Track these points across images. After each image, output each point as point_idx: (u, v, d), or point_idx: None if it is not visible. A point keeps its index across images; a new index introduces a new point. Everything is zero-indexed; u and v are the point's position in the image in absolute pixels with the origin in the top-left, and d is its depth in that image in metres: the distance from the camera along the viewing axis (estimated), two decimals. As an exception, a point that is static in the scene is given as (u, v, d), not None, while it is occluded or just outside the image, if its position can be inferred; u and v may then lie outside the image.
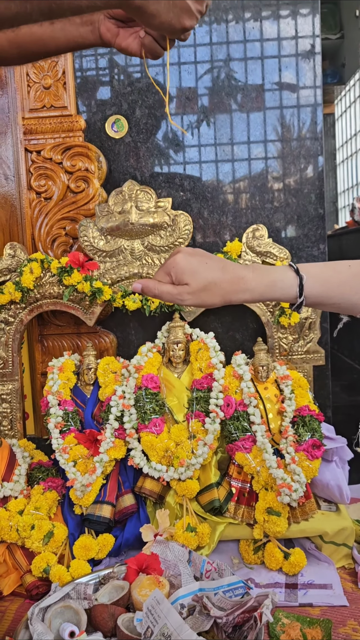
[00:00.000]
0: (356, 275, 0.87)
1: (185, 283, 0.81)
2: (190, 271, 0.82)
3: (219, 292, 0.82)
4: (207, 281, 0.82)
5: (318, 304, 0.88)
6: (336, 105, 5.26)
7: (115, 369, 1.64)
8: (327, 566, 1.44)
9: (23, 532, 1.41)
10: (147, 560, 1.29)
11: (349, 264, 0.88)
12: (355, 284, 0.86)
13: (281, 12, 1.87)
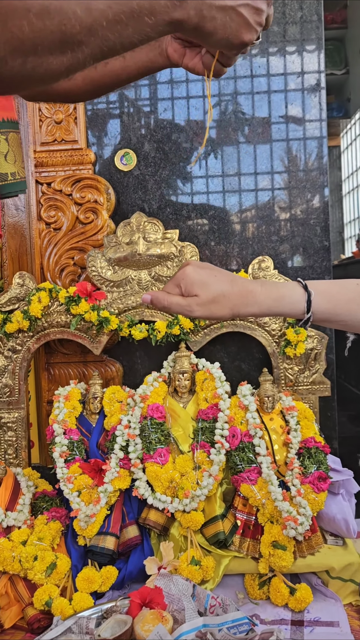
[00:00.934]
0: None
1: (195, 294, 0.82)
2: (200, 283, 0.82)
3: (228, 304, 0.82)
4: (217, 293, 0.82)
5: (325, 321, 0.89)
6: (342, 138, 5.35)
7: (121, 398, 1.64)
8: (334, 603, 1.41)
9: (26, 563, 1.39)
10: (151, 594, 1.27)
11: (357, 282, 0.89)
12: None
13: (287, 49, 1.92)
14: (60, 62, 0.50)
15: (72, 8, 0.48)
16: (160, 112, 1.96)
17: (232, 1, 0.61)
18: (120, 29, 0.52)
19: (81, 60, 0.52)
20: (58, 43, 0.49)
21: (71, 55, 0.50)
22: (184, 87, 1.96)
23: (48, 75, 0.51)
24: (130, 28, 0.52)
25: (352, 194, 5.14)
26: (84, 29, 0.49)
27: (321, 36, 1.92)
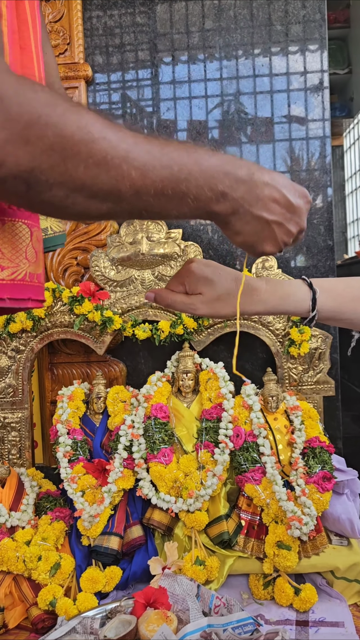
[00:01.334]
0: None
1: (199, 292, 0.81)
2: (204, 280, 0.81)
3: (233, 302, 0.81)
4: (221, 291, 0.81)
5: (330, 319, 0.88)
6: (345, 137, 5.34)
7: (124, 398, 1.64)
8: (339, 603, 1.41)
9: (30, 564, 1.39)
10: (155, 594, 1.27)
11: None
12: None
13: (290, 49, 1.92)
14: (98, 208, 0.53)
15: (129, 169, 0.51)
16: (163, 112, 1.96)
17: (268, 214, 0.63)
18: (164, 201, 0.55)
19: (117, 213, 0.55)
20: (104, 193, 0.51)
21: (111, 206, 0.53)
22: (187, 88, 1.96)
23: (82, 214, 0.54)
24: (172, 203, 0.55)
25: (355, 194, 5.13)
26: (132, 190, 0.52)
27: (324, 35, 1.92)
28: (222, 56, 1.93)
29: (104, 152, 0.50)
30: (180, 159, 0.55)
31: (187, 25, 1.94)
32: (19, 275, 0.61)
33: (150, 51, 1.96)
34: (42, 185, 0.49)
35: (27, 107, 0.46)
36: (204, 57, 1.94)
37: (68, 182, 0.50)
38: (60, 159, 0.48)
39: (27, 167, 0.47)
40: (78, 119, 0.49)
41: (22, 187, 0.49)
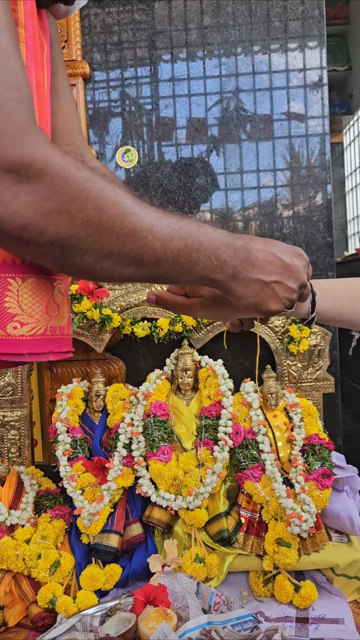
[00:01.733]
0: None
1: (199, 295, 0.81)
2: None
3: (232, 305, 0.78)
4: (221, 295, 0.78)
5: (330, 320, 0.88)
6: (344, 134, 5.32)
7: (124, 396, 1.64)
8: (339, 600, 1.41)
9: (29, 562, 1.39)
10: (155, 591, 1.27)
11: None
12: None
13: (289, 45, 1.91)
14: (121, 272, 0.59)
15: (153, 239, 0.58)
16: (161, 110, 1.95)
17: (265, 276, 0.69)
18: (178, 268, 0.61)
19: (137, 277, 0.61)
20: (129, 260, 0.58)
21: (133, 271, 0.59)
22: (186, 85, 1.96)
23: (107, 277, 0.59)
24: (184, 270, 0.62)
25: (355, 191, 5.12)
26: (154, 259, 0.59)
27: (323, 32, 1.91)
28: (220, 53, 1.92)
29: (133, 224, 0.56)
30: (192, 232, 0.62)
31: (185, 22, 1.93)
32: (39, 330, 0.65)
33: (148, 48, 1.96)
34: (75, 251, 0.55)
35: (72, 182, 0.52)
36: (203, 54, 1.93)
37: (99, 249, 0.55)
38: (96, 229, 0.54)
39: (66, 235, 0.53)
40: (114, 195, 0.55)
41: (57, 251, 0.54)
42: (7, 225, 0.50)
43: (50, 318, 0.67)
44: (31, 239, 0.52)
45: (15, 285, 0.63)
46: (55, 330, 0.68)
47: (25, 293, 0.64)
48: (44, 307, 0.66)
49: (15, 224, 0.51)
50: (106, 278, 0.60)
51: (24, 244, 0.53)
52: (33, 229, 0.51)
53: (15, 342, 0.63)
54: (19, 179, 0.50)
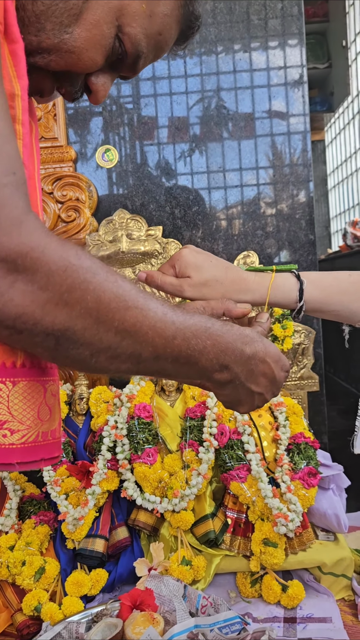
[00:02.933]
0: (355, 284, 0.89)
1: (188, 276, 0.83)
2: (194, 265, 0.84)
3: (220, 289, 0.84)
4: (209, 277, 0.84)
5: (317, 311, 0.90)
6: (326, 132, 5.35)
7: (107, 399, 1.62)
8: (327, 598, 1.40)
9: (14, 569, 1.37)
10: (141, 595, 1.26)
11: (349, 274, 0.90)
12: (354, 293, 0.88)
13: (269, 44, 1.91)
14: (118, 367, 0.57)
15: (154, 337, 0.56)
16: (142, 109, 1.94)
17: (255, 387, 0.69)
18: (177, 366, 0.60)
19: (134, 372, 0.60)
20: (126, 355, 0.56)
21: (130, 366, 0.58)
22: (166, 83, 1.94)
23: (102, 370, 0.58)
24: (183, 369, 0.61)
25: (338, 188, 5.15)
26: (153, 355, 0.57)
27: (302, 30, 1.91)
28: (201, 52, 1.91)
29: (134, 319, 0.55)
30: (199, 333, 0.60)
31: (164, 20, 1.92)
32: (30, 437, 0.61)
33: (127, 47, 1.94)
34: (71, 343, 0.53)
35: (71, 272, 0.51)
36: (184, 52, 1.92)
37: (96, 343, 0.54)
38: (94, 322, 0.52)
39: (62, 327, 0.51)
40: (116, 287, 0.54)
41: (51, 343, 0.52)
42: (1, 314, 0.49)
43: (42, 423, 0.63)
44: (25, 329, 0.51)
45: (5, 390, 0.60)
46: (46, 436, 0.64)
47: (16, 398, 0.60)
48: (36, 412, 0.62)
49: (10, 313, 0.49)
50: (101, 371, 0.59)
51: (17, 334, 0.51)
52: (28, 319, 0.50)
53: (5, 451, 0.59)
54: (15, 268, 0.49)
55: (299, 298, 0.85)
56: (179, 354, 0.59)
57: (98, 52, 0.63)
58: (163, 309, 0.58)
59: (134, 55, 0.66)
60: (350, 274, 0.90)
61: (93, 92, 0.68)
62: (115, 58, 0.66)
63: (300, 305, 0.85)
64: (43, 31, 0.59)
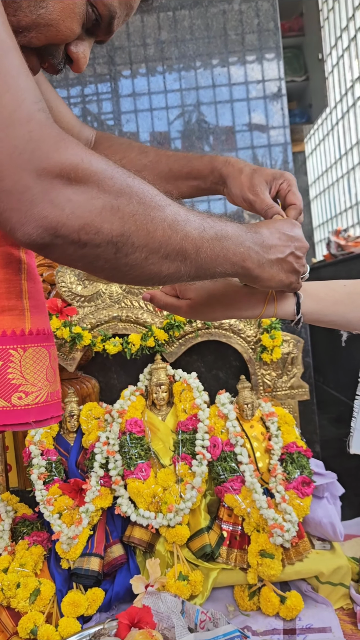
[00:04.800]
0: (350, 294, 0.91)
1: (188, 297, 0.85)
2: (193, 287, 0.86)
3: (221, 307, 0.86)
4: (209, 297, 0.85)
5: (315, 321, 0.92)
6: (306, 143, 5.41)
7: (98, 415, 1.61)
8: (325, 608, 1.40)
9: (8, 592, 1.35)
10: (139, 613, 1.24)
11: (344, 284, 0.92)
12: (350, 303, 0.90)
13: (247, 58, 1.94)
14: (168, 267, 0.60)
15: (191, 230, 0.61)
16: (124, 125, 1.95)
17: (280, 254, 0.74)
18: (214, 257, 0.64)
19: (181, 273, 0.63)
20: (175, 252, 0.60)
21: (179, 265, 0.61)
22: (147, 99, 1.96)
23: (154, 275, 0.61)
24: (219, 258, 0.65)
25: (320, 198, 5.20)
26: (194, 249, 0.61)
27: (279, 44, 1.94)
28: (180, 67, 1.93)
29: (173, 216, 0.59)
30: (216, 223, 0.65)
31: (143, 37, 1.94)
32: (42, 397, 0.67)
33: (108, 65, 1.96)
34: (128, 248, 0.56)
35: (116, 180, 0.54)
36: (163, 68, 1.94)
37: (150, 244, 0.57)
38: (144, 223, 0.56)
39: (119, 231, 0.54)
40: (150, 189, 0.58)
41: (111, 251, 0.55)
42: (65, 229, 0.51)
43: (50, 384, 0.69)
44: (88, 241, 0.53)
45: (17, 356, 0.65)
46: (54, 396, 0.70)
47: (27, 363, 0.66)
48: (44, 375, 0.68)
49: (74, 225, 0.51)
50: (155, 276, 0.61)
51: (81, 248, 0.53)
52: (90, 229, 0.52)
53: (21, 412, 0.64)
54: (69, 182, 0.51)
55: (297, 310, 0.87)
56: (213, 244, 0.64)
57: (74, 20, 0.65)
58: (181, 207, 0.62)
59: (108, 17, 0.68)
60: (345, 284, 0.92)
61: (74, 60, 0.70)
62: (90, 24, 0.68)
63: (299, 317, 0.88)
64: (20, 10, 0.61)
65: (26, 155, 0.50)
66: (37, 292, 0.71)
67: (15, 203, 0.50)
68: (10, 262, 0.67)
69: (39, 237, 0.51)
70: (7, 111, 0.50)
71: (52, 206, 0.50)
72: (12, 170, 0.49)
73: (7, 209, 0.50)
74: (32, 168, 0.50)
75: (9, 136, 0.49)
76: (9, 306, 0.66)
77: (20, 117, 0.50)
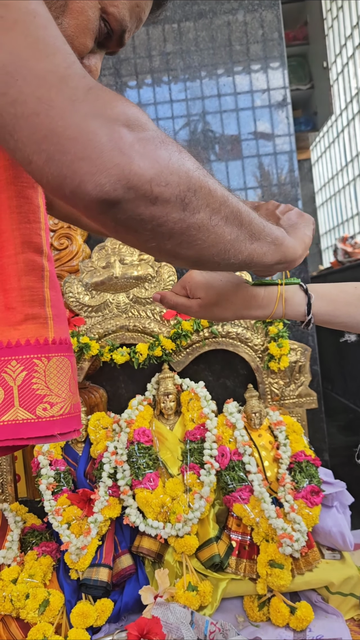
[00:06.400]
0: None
1: (198, 297, 0.85)
2: (204, 286, 0.85)
3: (231, 307, 0.86)
4: (219, 297, 0.85)
5: (326, 322, 0.92)
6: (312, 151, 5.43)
7: (106, 425, 1.61)
8: (336, 619, 1.38)
9: (17, 603, 1.35)
10: (148, 624, 1.24)
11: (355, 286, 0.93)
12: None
13: (252, 67, 1.95)
14: (230, 232, 0.59)
15: (233, 196, 0.60)
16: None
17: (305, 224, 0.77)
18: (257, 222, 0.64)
19: (240, 239, 0.62)
20: (233, 214, 0.59)
21: (237, 231, 0.61)
22: (152, 109, 1.97)
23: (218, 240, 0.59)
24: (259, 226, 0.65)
25: (326, 205, 5.20)
26: (245, 214, 0.61)
27: (283, 53, 1.95)
28: (186, 77, 1.95)
29: (219, 182, 0.58)
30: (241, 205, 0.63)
31: (148, 50, 1.96)
32: (66, 409, 0.64)
33: (113, 76, 1.97)
34: (194, 205, 0.54)
35: (171, 139, 0.53)
36: (168, 79, 1.96)
37: (211, 202, 0.56)
38: (204, 180, 0.55)
39: (185, 186, 0.53)
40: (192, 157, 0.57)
41: (179, 209, 0.53)
42: (137, 178, 0.49)
43: (73, 395, 0.67)
44: (159, 194, 0.51)
45: (41, 365, 0.63)
46: (76, 408, 0.68)
47: (51, 373, 0.63)
48: (68, 385, 0.66)
49: (145, 175, 0.49)
50: (219, 241, 0.59)
51: (152, 203, 0.51)
52: (160, 180, 0.50)
53: (46, 424, 0.62)
54: (134, 132, 0.50)
55: (307, 312, 0.87)
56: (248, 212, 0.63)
57: (87, 36, 0.65)
58: None
59: (120, 31, 0.69)
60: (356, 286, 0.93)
61: None
62: (102, 38, 0.69)
63: (309, 318, 0.88)
64: None
65: (89, 104, 0.48)
66: (59, 301, 0.69)
67: (84, 151, 0.47)
68: (33, 269, 0.65)
69: (112, 188, 0.48)
70: (62, 67, 0.49)
71: (122, 154, 0.48)
72: (76, 117, 0.47)
73: (75, 159, 0.47)
74: (97, 115, 0.48)
75: (68, 87, 0.48)
76: (32, 314, 0.64)
77: (76, 71, 0.49)
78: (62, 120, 0.47)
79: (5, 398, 0.61)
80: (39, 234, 0.66)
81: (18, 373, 0.62)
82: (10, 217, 0.64)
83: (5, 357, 0.62)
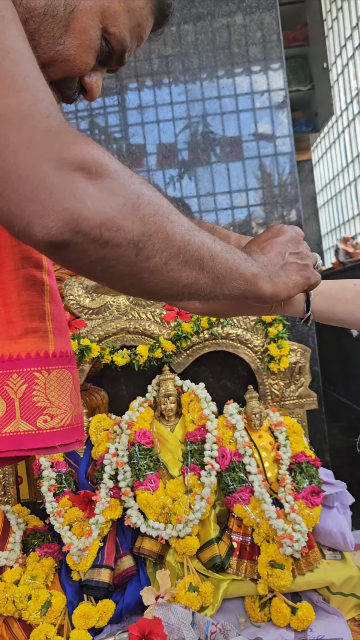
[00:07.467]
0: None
1: None
2: None
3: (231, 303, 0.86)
4: None
5: (325, 319, 0.93)
6: (313, 151, 5.42)
7: (107, 426, 1.62)
8: (337, 619, 1.39)
9: (20, 604, 1.35)
10: (150, 625, 1.24)
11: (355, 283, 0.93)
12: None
13: (252, 69, 1.95)
14: (187, 276, 0.58)
15: (203, 238, 0.59)
16: (131, 137, 1.97)
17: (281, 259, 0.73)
18: (227, 268, 0.62)
19: (200, 284, 0.60)
20: (193, 259, 0.58)
21: (196, 275, 0.59)
22: (153, 112, 1.98)
23: (173, 283, 0.58)
24: (232, 276, 0.63)
25: (327, 206, 5.20)
26: (210, 255, 0.60)
27: (282, 55, 1.96)
28: (186, 79, 1.95)
29: (187, 223, 0.58)
30: (224, 243, 0.63)
31: (148, 52, 1.96)
32: (67, 420, 0.65)
33: (114, 79, 1.98)
34: (149, 251, 0.53)
35: (136, 180, 0.53)
36: (169, 81, 1.96)
37: (169, 248, 0.55)
38: (162, 225, 0.54)
39: (139, 231, 0.52)
40: (164, 197, 0.57)
41: (132, 253, 0.53)
42: (87, 223, 0.48)
43: (74, 407, 0.68)
44: (110, 238, 0.50)
45: (42, 378, 0.64)
46: (78, 419, 0.69)
47: (51, 385, 0.65)
48: (69, 397, 0.67)
49: (95, 220, 0.49)
50: (173, 285, 0.59)
51: (102, 247, 0.50)
52: (111, 225, 0.50)
53: (47, 436, 0.63)
54: (90, 176, 0.49)
55: (307, 308, 0.88)
56: (221, 255, 0.62)
57: (89, 55, 0.67)
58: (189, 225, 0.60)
59: (120, 50, 0.70)
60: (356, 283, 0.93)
61: (88, 90, 0.72)
62: (103, 56, 0.70)
63: (308, 315, 0.88)
64: (39, 47, 0.63)
65: (46, 145, 0.48)
66: (60, 315, 0.70)
67: (33, 191, 0.47)
68: (33, 284, 0.67)
69: (59, 231, 0.48)
70: (25, 105, 0.49)
71: (73, 198, 0.48)
72: (30, 158, 0.47)
73: (23, 198, 0.47)
74: (51, 157, 0.48)
75: (27, 126, 0.48)
76: (32, 328, 0.65)
77: (40, 111, 0.49)
78: (15, 158, 0.47)
79: (7, 410, 0.63)
80: None
81: (19, 386, 0.63)
82: None
83: (6, 370, 0.64)
